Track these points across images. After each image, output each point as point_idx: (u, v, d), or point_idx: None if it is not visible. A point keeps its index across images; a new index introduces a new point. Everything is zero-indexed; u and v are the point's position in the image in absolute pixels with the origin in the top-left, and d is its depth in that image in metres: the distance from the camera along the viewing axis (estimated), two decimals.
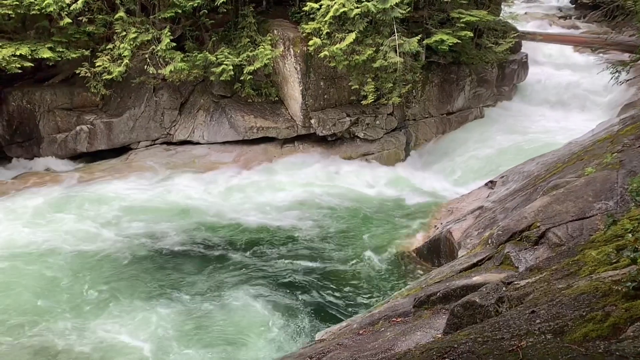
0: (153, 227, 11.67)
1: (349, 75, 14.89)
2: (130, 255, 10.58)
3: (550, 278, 4.18)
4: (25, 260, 10.15)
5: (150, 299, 9.11)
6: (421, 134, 16.83)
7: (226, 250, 10.95)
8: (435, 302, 5.61)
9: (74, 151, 15.15)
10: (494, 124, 17.40)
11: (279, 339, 8.12)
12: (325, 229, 11.85)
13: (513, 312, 3.57)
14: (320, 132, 15.34)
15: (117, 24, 14.23)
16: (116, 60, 14.27)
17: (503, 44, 16.60)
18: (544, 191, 8.50)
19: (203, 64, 14.44)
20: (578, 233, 6.59)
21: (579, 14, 28.13)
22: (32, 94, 14.84)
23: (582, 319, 2.96)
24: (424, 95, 16.63)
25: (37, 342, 7.94)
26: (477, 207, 10.89)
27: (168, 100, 15.57)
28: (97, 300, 9.09)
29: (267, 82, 15.38)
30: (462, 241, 9.26)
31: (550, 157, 11.78)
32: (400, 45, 14.06)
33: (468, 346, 3.04)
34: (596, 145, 10.18)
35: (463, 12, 15.02)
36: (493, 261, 6.90)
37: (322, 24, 14.15)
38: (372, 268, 10.26)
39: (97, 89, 14.55)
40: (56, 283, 9.52)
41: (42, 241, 10.87)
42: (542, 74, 20.04)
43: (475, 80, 17.52)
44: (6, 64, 13.01)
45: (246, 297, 9.19)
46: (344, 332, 6.11)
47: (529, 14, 27.80)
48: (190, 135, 15.82)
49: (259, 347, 7.97)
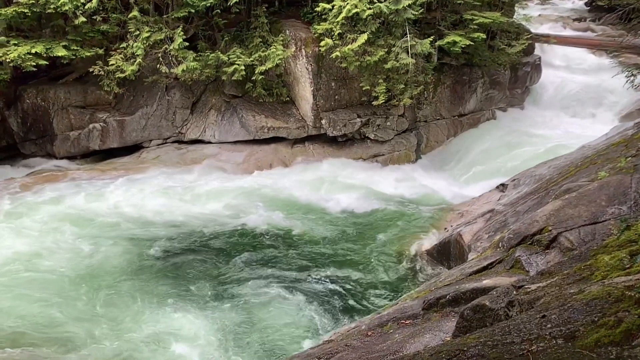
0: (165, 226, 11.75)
1: (360, 76, 14.88)
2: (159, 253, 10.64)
3: (562, 282, 4.14)
4: (51, 256, 10.22)
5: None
6: (432, 135, 16.77)
7: (224, 251, 10.90)
8: (444, 304, 5.59)
9: (86, 149, 15.30)
10: (506, 126, 17.29)
11: (287, 338, 8.13)
12: (334, 230, 11.84)
13: (523, 316, 3.54)
14: (330, 132, 15.34)
15: (130, 23, 14.35)
16: (129, 59, 14.39)
17: (516, 46, 16.48)
18: (556, 195, 8.42)
19: (215, 63, 14.51)
20: (590, 238, 6.51)
21: (594, 17, 27.87)
22: (46, 92, 15.01)
23: (594, 325, 2.93)
24: (436, 96, 16.56)
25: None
26: (488, 210, 10.82)
27: (180, 100, 15.66)
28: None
29: (279, 82, 15.41)
30: (473, 244, 9.21)
31: (563, 160, 11.67)
32: (412, 46, 14.02)
33: (477, 349, 3.02)
34: (610, 149, 10.07)
35: (476, 14, 14.94)
36: (503, 265, 6.85)
37: (334, 25, 14.15)
38: (381, 270, 10.23)
39: (110, 88, 14.68)
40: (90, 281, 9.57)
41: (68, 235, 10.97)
42: (555, 77, 19.86)
43: (487, 82, 17.42)
44: (22, 61, 13.18)
45: (255, 296, 9.21)
46: (353, 334, 6.10)
47: (543, 16, 27.59)
48: (201, 134, 15.91)
49: (268, 347, 7.99)
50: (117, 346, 7.78)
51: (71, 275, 9.61)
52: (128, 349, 7.74)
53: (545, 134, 16.41)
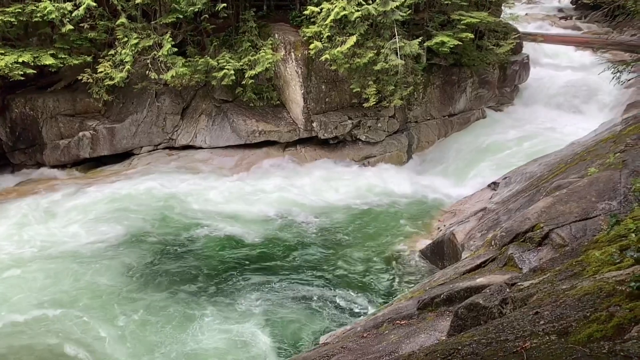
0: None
1: (350, 79, 14.91)
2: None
3: (554, 279, 4.17)
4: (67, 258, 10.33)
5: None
6: (423, 136, 16.83)
7: (222, 257, 10.91)
8: (439, 304, 5.61)
9: (77, 157, 15.19)
10: (496, 125, 17.40)
11: (283, 342, 8.11)
12: (326, 232, 11.84)
13: (517, 313, 3.56)
14: (322, 135, 15.35)
15: (118, 30, 14.29)
16: (118, 66, 14.32)
17: (504, 45, 16.61)
18: (547, 192, 8.48)
19: (204, 68, 14.48)
20: (582, 234, 6.57)
21: (580, 14, 28.16)
22: (34, 101, 14.89)
23: (586, 320, 2.95)
24: (426, 97, 16.63)
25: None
26: (480, 209, 10.88)
27: (170, 105, 15.60)
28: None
29: (269, 86, 15.41)
30: (466, 243, 9.25)
31: (553, 157, 11.77)
32: (401, 47, 14.08)
33: (472, 348, 3.03)
34: (599, 146, 10.17)
35: (464, 14, 15.03)
36: (497, 263, 6.89)
37: (323, 28, 14.18)
38: (375, 271, 10.24)
39: (100, 95, 14.60)
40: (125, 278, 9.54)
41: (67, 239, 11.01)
42: (543, 75, 20.03)
43: (476, 82, 17.53)
44: (9, 70, 13.07)
45: (248, 300, 9.18)
46: (348, 335, 6.10)
47: (530, 15, 27.83)
48: (192, 140, 15.85)
49: (264, 350, 7.95)
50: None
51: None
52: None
53: (535, 132, 16.52)
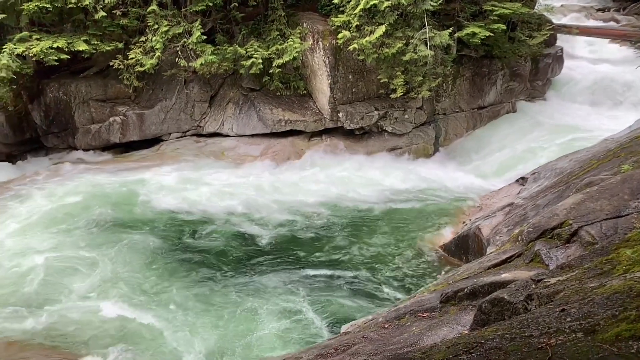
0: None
1: (377, 69, 14.78)
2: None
3: (582, 276, 4.08)
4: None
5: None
6: (451, 128, 16.60)
7: (247, 246, 11.03)
8: (462, 298, 5.55)
9: (107, 141, 15.54)
10: (526, 119, 17.02)
11: (306, 331, 8.18)
12: (351, 223, 11.84)
13: (542, 309, 3.51)
14: (348, 125, 15.30)
15: (149, 17, 14.48)
16: (148, 53, 14.53)
17: (537, 37, 16.17)
18: (577, 188, 8.28)
19: (233, 57, 14.57)
20: (612, 232, 6.39)
21: (618, 7, 27.25)
22: (68, 86, 15.26)
23: (615, 319, 2.89)
24: (455, 89, 16.38)
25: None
26: (507, 204, 10.70)
27: (198, 93, 15.78)
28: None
29: (296, 76, 15.41)
30: (491, 238, 9.13)
31: (585, 153, 11.46)
32: (431, 38, 13.87)
33: (495, 342, 3.00)
34: (634, 142, 9.85)
35: (496, 5, 14.69)
36: (522, 258, 6.77)
37: (352, 17, 14.07)
38: (398, 263, 10.21)
39: (130, 81, 14.86)
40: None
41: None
42: (578, 68, 19.47)
43: (507, 75, 17.15)
44: (44, 56, 13.43)
45: (272, 288, 9.28)
46: (370, 326, 6.11)
47: (566, 7, 27.05)
48: (219, 127, 16.02)
49: (286, 339, 8.05)
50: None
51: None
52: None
53: (567, 127, 16.11)
